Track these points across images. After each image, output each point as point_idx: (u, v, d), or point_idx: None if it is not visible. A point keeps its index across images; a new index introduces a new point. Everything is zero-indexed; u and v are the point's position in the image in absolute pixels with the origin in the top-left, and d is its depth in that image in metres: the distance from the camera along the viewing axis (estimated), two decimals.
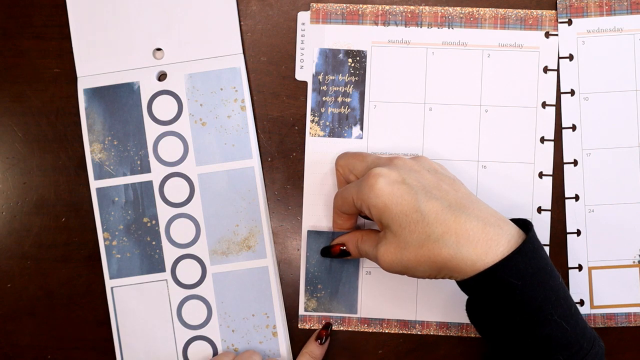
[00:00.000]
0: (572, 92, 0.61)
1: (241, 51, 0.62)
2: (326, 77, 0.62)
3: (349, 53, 0.62)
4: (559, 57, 0.61)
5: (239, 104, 0.62)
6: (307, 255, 0.62)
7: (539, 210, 0.61)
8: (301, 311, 0.62)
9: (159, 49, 0.62)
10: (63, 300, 0.63)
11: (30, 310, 0.63)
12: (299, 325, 0.62)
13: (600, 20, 0.61)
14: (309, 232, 0.61)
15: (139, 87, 0.62)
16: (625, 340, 0.62)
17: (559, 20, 0.61)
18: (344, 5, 0.62)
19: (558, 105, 0.62)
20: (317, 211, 0.62)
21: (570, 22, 0.61)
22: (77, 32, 0.62)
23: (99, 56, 0.62)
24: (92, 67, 0.62)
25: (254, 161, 0.62)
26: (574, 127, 0.61)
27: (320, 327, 0.62)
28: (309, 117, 0.62)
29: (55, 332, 0.63)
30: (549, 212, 0.61)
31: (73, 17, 0.62)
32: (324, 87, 0.62)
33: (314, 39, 0.62)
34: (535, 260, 0.47)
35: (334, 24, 0.62)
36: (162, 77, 0.62)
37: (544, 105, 0.61)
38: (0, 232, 0.63)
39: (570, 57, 0.61)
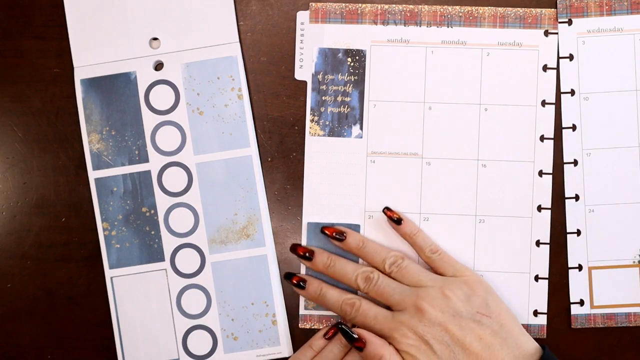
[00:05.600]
0: (572, 92, 0.61)
1: (237, 40, 0.62)
2: (325, 76, 0.62)
3: (348, 52, 0.62)
4: (559, 57, 0.61)
5: (235, 92, 0.62)
6: None
7: (539, 208, 0.61)
8: (301, 310, 0.62)
9: (155, 39, 0.62)
10: (63, 300, 0.63)
11: (30, 310, 0.63)
12: (300, 325, 0.62)
13: (601, 20, 0.61)
14: (309, 224, 0.62)
15: (135, 77, 0.62)
16: (625, 340, 0.62)
17: (559, 20, 0.61)
18: (343, 4, 0.62)
19: (558, 104, 0.62)
20: (317, 210, 0.62)
21: (570, 22, 0.61)
22: (73, 22, 0.62)
23: (95, 46, 0.62)
24: (89, 57, 0.62)
25: (252, 150, 0.62)
26: (574, 127, 0.61)
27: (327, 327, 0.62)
28: (308, 117, 0.62)
29: (55, 332, 0.63)
30: (549, 211, 0.61)
31: (69, 8, 0.62)
32: (324, 87, 0.62)
33: (313, 39, 0.62)
34: None
35: (333, 24, 0.62)
36: (158, 66, 0.62)
37: (543, 103, 0.61)
38: (0, 232, 0.63)
39: (571, 57, 0.61)
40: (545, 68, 0.61)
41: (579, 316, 0.61)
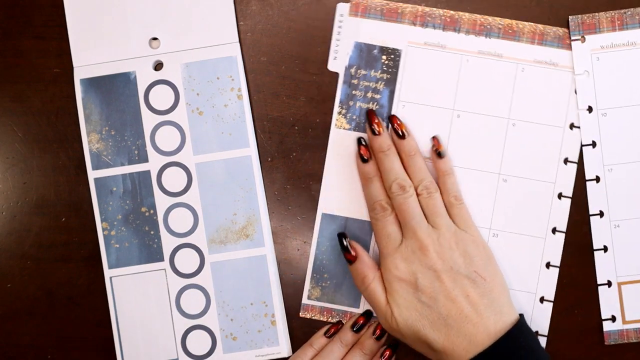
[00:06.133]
0: (590, 109, 0.61)
1: (237, 40, 0.62)
2: (358, 71, 0.62)
3: (384, 50, 0.62)
4: (575, 75, 0.61)
5: (235, 92, 0.62)
6: (319, 241, 0.62)
7: (554, 230, 0.61)
8: (304, 299, 0.62)
9: (155, 39, 0.62)
10: (63, 300, 0.63)
11: (30, 310, 0.63)
12: (300, 314, 0.62)
13: (613, 36, 0.61)
14: (324, 215, 0.62)
15: (135, 76, 0.62)
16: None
17: (572, 38, 0.61)
18: (385, 1, 0.62)
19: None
20: (333, 204, 0.62)
21: (583, 40, 0.61)
22: (73, 22, 0.62)
23: (95, 46, 0.62)
24: (89, 57, 0.62)
25: (251, 150, 0.62)
26: (594, 144, 0.61)
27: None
28: (336, 109, 0.62)
29: (55, 332, 0.63)
30: (563, 234, 0.61)
31: (69, 8, 0.62)
32: (355, 81, 0.62)
33: (350, 32, 0.62)
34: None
35: (372, 19, 0.62)
36: (158, 66, 0.62)
37: (571, 126, 0.61)
38: (0, 232, 0.63)
39: (586, 74, 0.61)
40: (577, 91, 0.61)
41: (611, 332, 0.61)
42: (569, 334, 0.61)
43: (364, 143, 0.61)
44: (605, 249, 0.61)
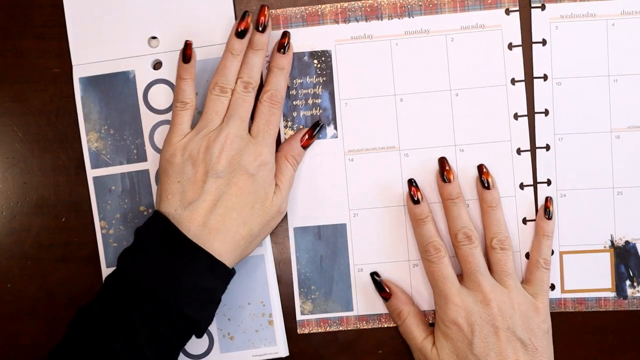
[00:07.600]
0: (545, 77, 0.61)
1: None
2: (294, 80, 0.62)
3: (313, 54, 0.62)
4: (532, 42, 0.61)
5: None
6: (297, 256, 0.62)
7: (521, 186, 0.61)
8: (298, 315, 0.62)
9: (154, 37, 0.62)
10: (63, 300, 0.63)
11: (30, 310, 0.63)
12: (298, 331, 0.62)
13: (574, 6, 0.61)
14: (296, 229, 0.62)
15: (134, 75, 0.62)
16: (625, 340, 0.61)
17: (532, 5, 0.61)
18: (303, 7, 0.62)
19: (528, 85, 0.61)
20: (302, 215, 0.62)
21: (543, 7, 0.61)
22: (72, 20, 0.62)
23: (94, 44, 0.62)
24: (88, 56, 0.62)
25: None
26: (546, 112, 0.61)
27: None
28: (282, 123, 0.62)
29: (55, 332, 0.62)
30: (532, 188, 0.61)
31: (69, 6, 0.62)
32: (293, 92, 0.62)
33: None
34: None
35: (295, 28, 0.62)
36: (157, 65, 0.62)
37: (513, 82, 0.61)
38: (0, 232, 0.63)
39: (544, 42, 0.61)
40: (510, 46, 0.61)
41: (550, 300, 0.61)
42: (570, 334, 0.61)
43: (415, 184, 0.60)
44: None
